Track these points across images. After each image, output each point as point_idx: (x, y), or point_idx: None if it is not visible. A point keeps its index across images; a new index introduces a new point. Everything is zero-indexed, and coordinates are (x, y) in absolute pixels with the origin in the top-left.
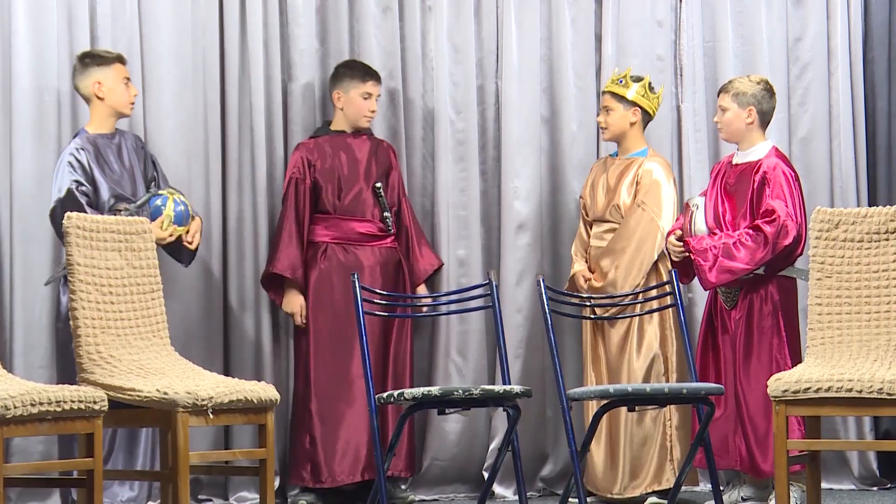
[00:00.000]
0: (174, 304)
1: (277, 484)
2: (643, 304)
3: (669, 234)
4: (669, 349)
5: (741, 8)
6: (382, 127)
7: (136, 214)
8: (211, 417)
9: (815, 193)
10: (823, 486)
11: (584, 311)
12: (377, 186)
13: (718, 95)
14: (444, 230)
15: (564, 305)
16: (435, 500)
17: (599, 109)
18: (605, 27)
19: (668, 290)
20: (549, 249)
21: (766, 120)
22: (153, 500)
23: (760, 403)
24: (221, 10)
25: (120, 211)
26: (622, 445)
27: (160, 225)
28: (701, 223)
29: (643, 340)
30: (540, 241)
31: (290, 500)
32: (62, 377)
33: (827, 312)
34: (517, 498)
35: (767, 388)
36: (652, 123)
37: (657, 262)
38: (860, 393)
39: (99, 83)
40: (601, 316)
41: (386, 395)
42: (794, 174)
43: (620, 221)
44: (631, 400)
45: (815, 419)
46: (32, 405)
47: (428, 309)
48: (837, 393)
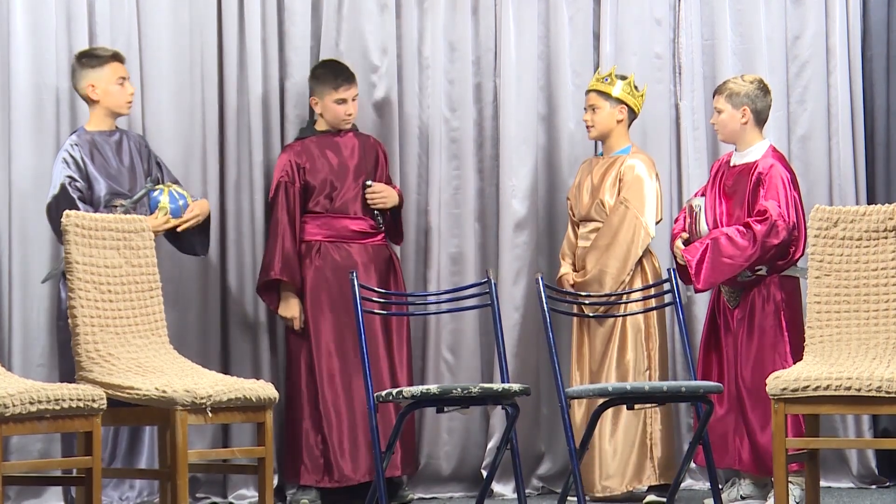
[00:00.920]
0: (172, 302)
1: (276, 482)
2: (640, 302)
3: (675, 237)
4: (653, 347)
5: (740, 6)
6: (378, 125)
7: (131, 210)
8: (209, 416)
9: (813, 191)
10: (822, 484)
11: (582, 309)
12: (367, 184)
13: (713, 97)
14: (436, 228)
15: (563, 304)
16: (433, 498)
17: (584, 108)
18: (603, 25)
19: (666, 287)
20: (546, 248)
21: (761, 119)
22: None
23: (763, 402)
24: (219, 8)
25: (116, 206)
26: (598, 444)
27: (156, 216)
28: (705, 224)
29: (626, 339)
30: (537, 239)
31: (289, 498)
32: (64, 375)
33: (826, 311)
34: (516, 496)
35: (767, 386)
36: (650, 121)
37: (642, 258)
38: (859, 391)
39: (92, 86)
40: (600, 314)
41: (385, 393)
42: (790, 175)
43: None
44: (629, 398)
45: (813, 417)
46: (31, 403)
47: (425, 307)
48: (836, 391)
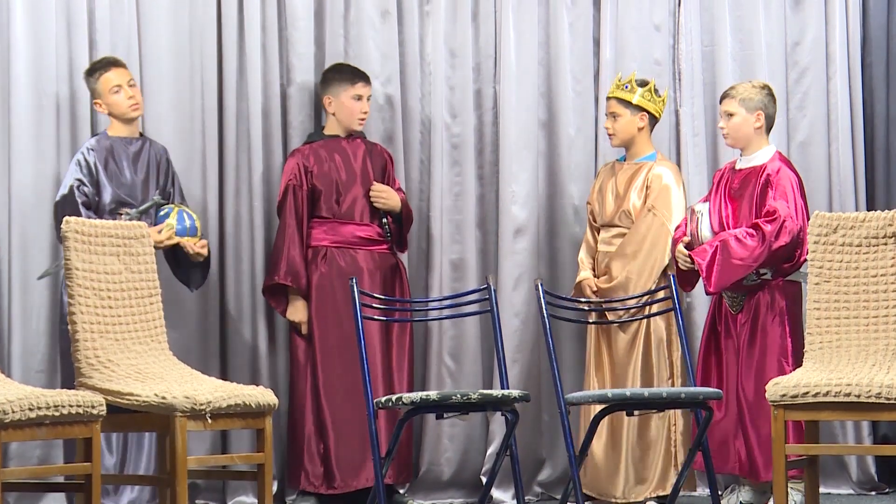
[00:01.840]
0: (172, 308)
1: (276, 488)
2: (641, 308)
3: (677, 242)
4: (675, 353)
5: (740, 12)
6: (380, 131)
7: (136, 220)
8: (209, 422)
9: (813, 197)
10: (822, 490)
11: (582, 315)
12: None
13: (721, 101)
14: (438, 234)
15: (562, 310)
16: None
17: (606, 115)
18: (603, 31)
19: (665, 294)
20: (546, 254)
21: (770, 124)
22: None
23: (764, 408)
24: (219, 14)
25: (120, 215)
26: (625, 450)
27: (159, 230)
28: (707, 230)
29: (649, 346)
30: (537, 245)
31: None
32: (66, 379)
33: (825, 317)
34: (516, 502)
35: (766, 392)
36: None
37: (666, 267)
38: (858, 397)
39: (97, 102)
40: (599, 320)
41: (384, 399)
42: (797, 179)
43: (629, 226)
44: (629, 404)
45: (813, 424)
46: (31, 410)
47: (426, 313)
48: (836, 397)
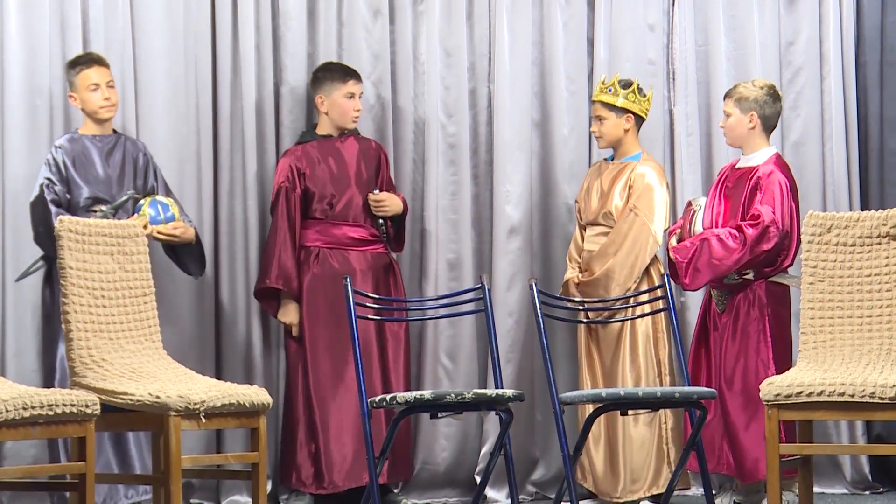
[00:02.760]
0: (166, 307)
1: (270, 487)
2: (635, 307)
3: (671, 235)
4: (662, 352)
5: (734, 12)
6: (372, 130)
7: (110, 216)
8: (203, 421)
9: (807, 197)
10: (816, 490)
11: (576, 315)
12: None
13: (724, 100)
14: (433, 234)
15: (556, 309)
16: (427, 503)
17: (592, 119)
18: (597, 31)
19: (660, 293)
20: (540, 253)
21: (769, 125)
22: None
23: (744, 407)
24: (213, 13)
25: (95, 212)
26: (621, 450)
27: (135, 218)
28: (700, 225)
29: (636, 344)
30: (531, 245)
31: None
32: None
33: (819, 316)
34: (509, 502)
35: (760, 391)
36: (644, 127)
37: (649, 266)
38: (852, 397)
39: (72, 95)
40: (593, 320)
41: (378, 399)
42: (789, 182)
43: (613, 225)
44: (623, 404)
45: (807, 423)
46: (25, 409)
47: (420, 313)
48: (830, 397)
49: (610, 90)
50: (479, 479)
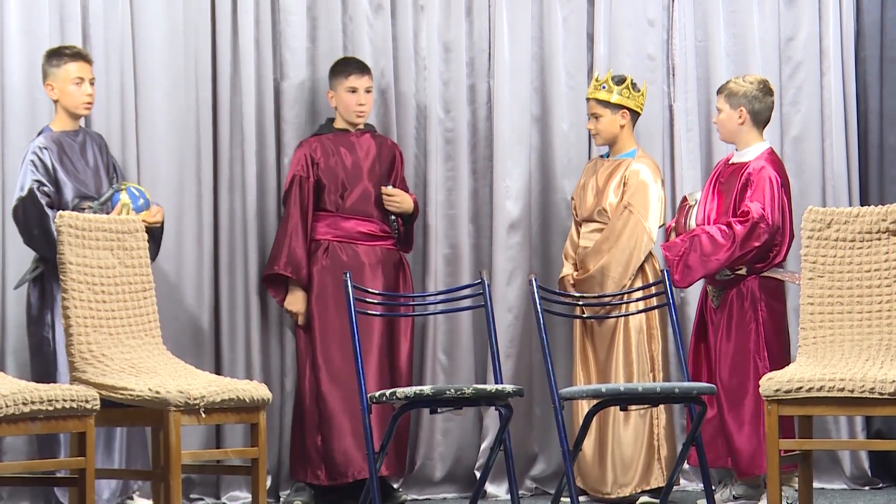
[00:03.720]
0: (166, 303)
1: (269, 483)
2: (634, 303)
3: (668, 231)
4: (655, 348)
5: (733, 7)
6: (374, 125)
7: (99, 211)
8: (203, 416)
9: (807, 193)
10: (815, 485)
11: (575, 310)
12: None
13: (717, 96)
14: (432, 229)
15: (556, 305)
16: (427, 499)
17: (588, 116)
18: (597, 26)
19: (659, 289)
20: (539, 249)
21: (759, 120)
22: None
23: (740, 402)
24: (213, 8)
25: (84, 209)
26: (611, 445)
27: (118, 212)
28: (694, 220)
29: (629, 340)
30: (530, 240)
31: (283, 499)
32: (36, 378)
33: (819, 312)
34: (509, 497)
35: (760, 387)
36: (644, 122)
37: (643, 262)
38: (852, 392)
39: (51, 85)
40: (593, 315)
41: (378, 394)
42: (780, 179)
43: (608, 222)
44: (623, 399)
45: (807, 419)
46: (24, 404)
47: (420, 308)
48: (829, 392)
49: (604, 87)
50: (478, 474)
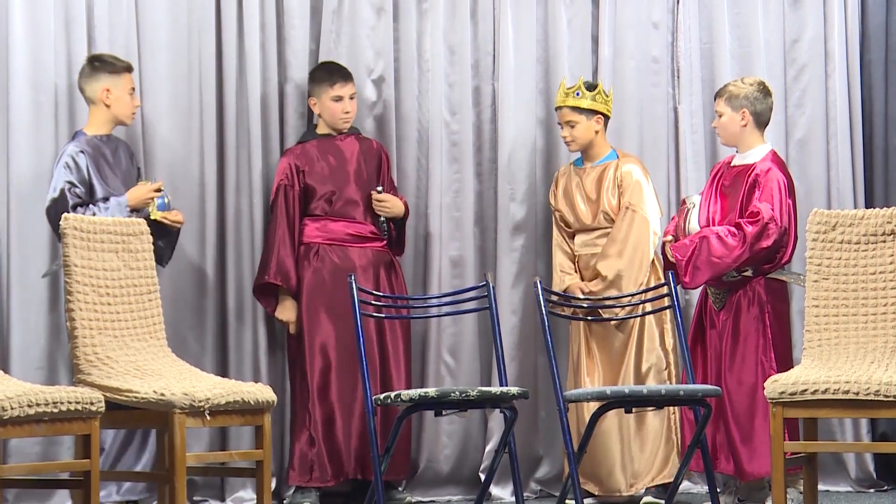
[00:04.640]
0: (171, 305)
1: (274, 485)
2: (640, 305)
3: (666, 234)
4: (669, 344)
5: (738, 10)
6: (375, 128)
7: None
8: (208, 419)
9: (811, 195)
10: (820, 487)
11: (579, 313)
12: (378, 190)
13: (715, 100)
14: (437, 231)
15: (560, 308)
16: (432, 501)
17: (560, 125)
18: (601, 29)
19: (664, 291)
20: (544, 251)
21: (761, 121)
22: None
23: (744, 405)
24: (218, 11)
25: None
26: (623, 443)
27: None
28: (695, 222)
29: (643, 340)
30: (535, 242)
31: (286, 501)
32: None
33: (824, 314)
34: (514, 499)
35: (764, 389)
36: (649, 124)
37: (653, 260)
38: (857, 395)
39: (108, 90)
40: (598, 318)
41: (383, 396)
42: (787, 180)
43: (611, 226)
44: (627, 402)
45: (812, 421)
46: (29, 406)
47: (424, 311)
48: (834, 395)
49: (577, 94)
50: (483, 476)
